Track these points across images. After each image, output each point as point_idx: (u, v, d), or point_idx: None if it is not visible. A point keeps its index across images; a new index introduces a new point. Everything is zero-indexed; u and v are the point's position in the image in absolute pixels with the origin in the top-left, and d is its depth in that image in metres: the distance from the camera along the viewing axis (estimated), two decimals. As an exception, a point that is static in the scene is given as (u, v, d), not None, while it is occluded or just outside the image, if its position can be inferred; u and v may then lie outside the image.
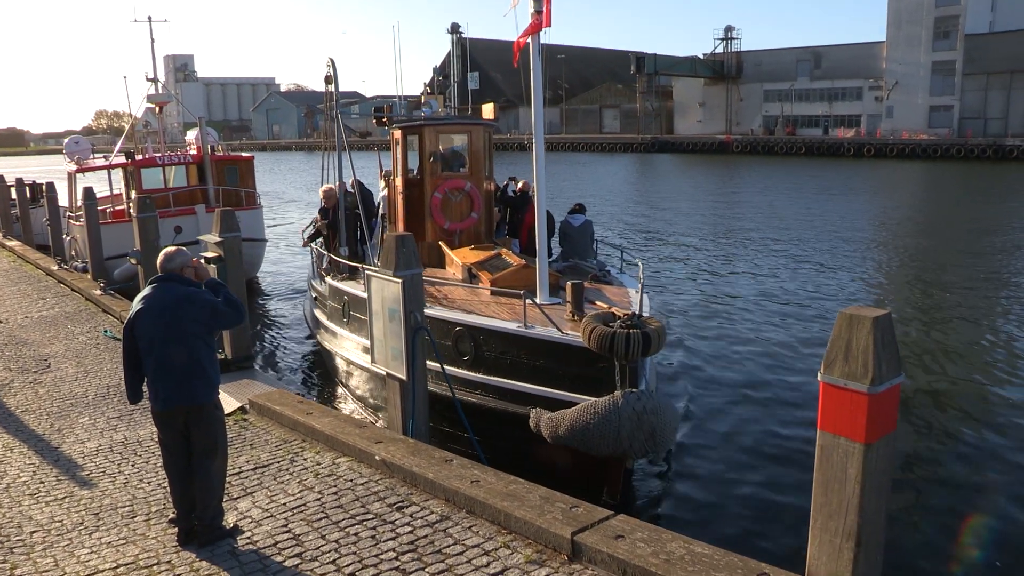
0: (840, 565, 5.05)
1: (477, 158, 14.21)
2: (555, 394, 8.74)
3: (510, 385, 9.28)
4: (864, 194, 50.74)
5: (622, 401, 7.73)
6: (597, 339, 7.75)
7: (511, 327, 9.30)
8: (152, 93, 26.78)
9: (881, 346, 4.73)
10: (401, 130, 14.11)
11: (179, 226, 20.20)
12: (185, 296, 6.23)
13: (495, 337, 9.49)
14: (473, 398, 9.58)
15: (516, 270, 11.38)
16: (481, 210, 14.12)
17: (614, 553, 5.67)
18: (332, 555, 6.21)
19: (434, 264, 13.47)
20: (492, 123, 14.74)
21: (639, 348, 7.67)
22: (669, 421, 7.99)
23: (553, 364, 8.89)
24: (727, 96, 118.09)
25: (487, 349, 9.56)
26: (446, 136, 14.41)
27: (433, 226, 13.91)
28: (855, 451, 4.87)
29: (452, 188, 13.91)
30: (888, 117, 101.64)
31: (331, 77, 14.00)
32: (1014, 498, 9.55)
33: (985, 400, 12.92)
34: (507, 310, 10.25)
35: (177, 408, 6.22)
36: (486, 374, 9.56)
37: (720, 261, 26.79)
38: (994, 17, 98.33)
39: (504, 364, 9.41)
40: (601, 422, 7.73)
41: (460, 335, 9.81)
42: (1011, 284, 22.50)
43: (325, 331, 13.71)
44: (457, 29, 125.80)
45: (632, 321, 7.85)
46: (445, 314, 10.10)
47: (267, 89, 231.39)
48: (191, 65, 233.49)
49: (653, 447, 7.96)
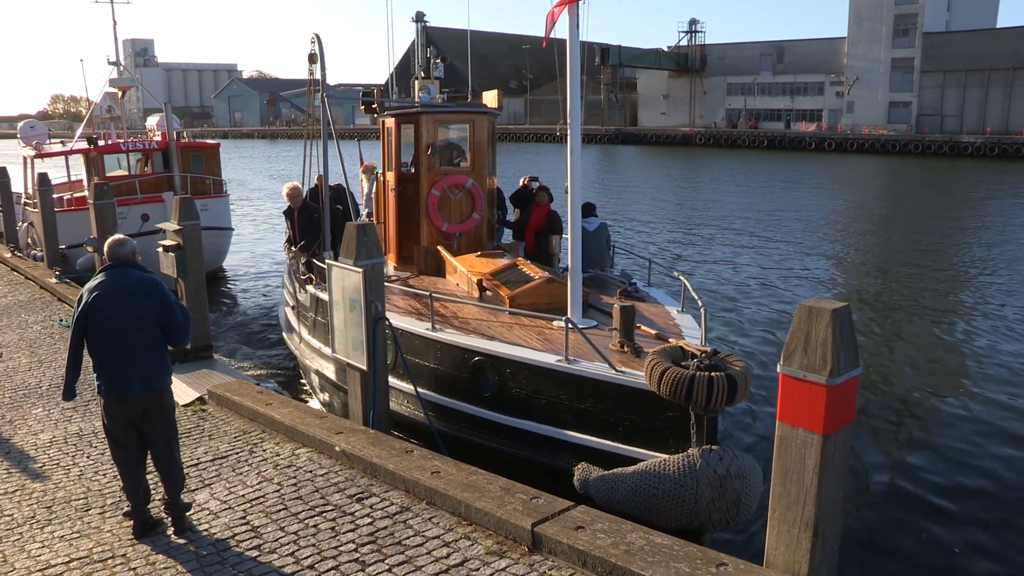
0: (798, 555, 5.10)
1: (480, 151, 12.58)
2: (605, 446, 7.23)
3: (544, 431, 7.73)
4: (825, 188, 51.32)
5: (700, 462, 6.25)
6: (671, 383, 6.22)
7: (549, 360, 7.68)
8: (114, 77, 26.29)
9: (840, 338, 4.78)
10: (395, 118, 12.45)
11: (146, 214, 19.87)
12: (144, 280, 6.17)
13: (527, 372, 7.90)
14: (493, 443, 8.22)
15: (539, 284, 9.76)
16: (483, 210, 12.55)
17: (574, 544, 5.68)
18: (291, 547, 6.15)
19: (431, 272, 12.19)
20: (496, 112, 12.95)
21: (723, 396, 6.14)
22: (755, 486, 6.46)
23: (604, 409, 7.30)
24: (691, 89, 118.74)
25: (515, 386, 8.03)
26: (444, 126, 12.75)
27: (429, 227, 12.31)
28: (813, 442, 4.92)
29: (452, 185, 12.29)
30: (849, 112, 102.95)
31: (316, 55, 12.12)
32: (969, 486, 9.73)
33: (941, 390, 13.12)
34: (535, 334, 8.69)
35: (140, 395, 6.13)
36: (513, 416, 8.04)
37: (680, 248, 26.93)
38: (950, 16, 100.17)
39: (537, 405, 7.86)
40: (675, 488, 6.26)
41: (479, 366, 8.31)
42: (965, 277, 22.91)
43: (306, 346, 11.97)
44: (422, 18, 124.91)
45: (712, 361, 6.35)
46: (462, 340, 8.57)
47: (229, 76, 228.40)
48: (151, 50, 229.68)
49: (735, 517, 6.43)
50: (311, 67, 12.11)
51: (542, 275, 9.94)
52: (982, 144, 79.91)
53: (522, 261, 10.74)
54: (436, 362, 8.90)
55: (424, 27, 54.55)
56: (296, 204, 12.70)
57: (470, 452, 8.08)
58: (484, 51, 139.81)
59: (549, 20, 8.70)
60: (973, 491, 9.66)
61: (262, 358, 15.53)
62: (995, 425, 11.65)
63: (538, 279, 9.84)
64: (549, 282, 9.74)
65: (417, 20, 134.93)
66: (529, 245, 12.59)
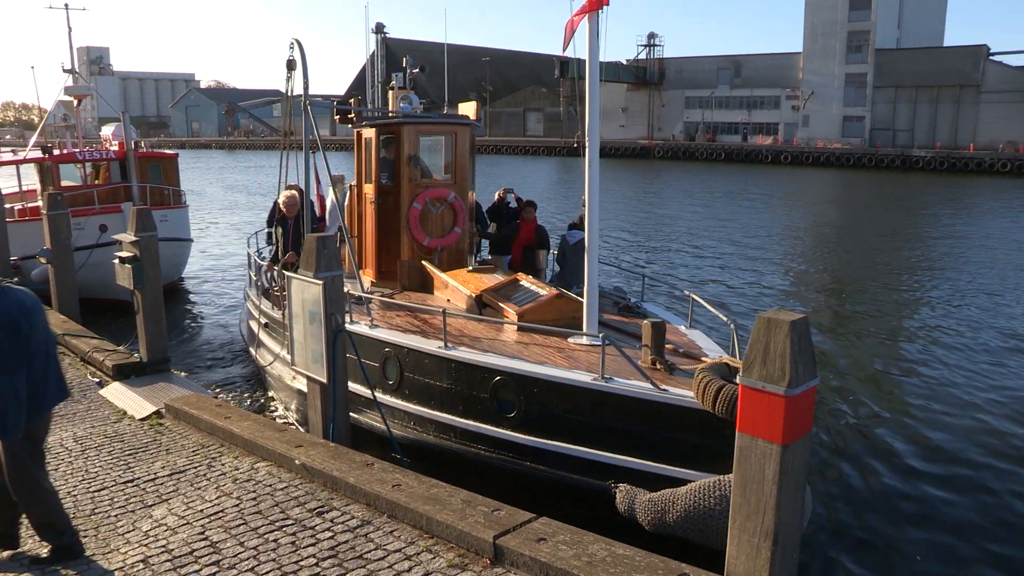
0: (758, 564, 5.15)
1: (462, 163, 12.32)
2: (646, 466, 6.99)
3: (577, 452, 7.46)
4: (782, 200, 52.06)
5: None
6: (727, 401, 5.96)
7: (584, 379, 7.40)
8: (70, 85, 25.87)
9: (798, 350, 4.85)
10: (375, 128, 12.09)
11: (104, 224, 19.53)
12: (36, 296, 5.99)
13: (558, 391, 7.60)
14: (517, 466, 7.92)
15: (549, 300, 9.51)
16: (465, 224, 12.27)
17: (536, 556, 5.68)
18: (251, 562, 6.08)
19: (414, 287, 11.84)
20: (477, 124, 12.74)
21: None
22: (809, 503, 6.30)
23: (645, 428, 7.05)
24: (649, 102, 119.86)
25: (544, 406, 7.75)
26: (424, 138, 12.33)
27: (410, 242, 11.94)
28: (773, 452, 4.97)
29: (433, 198, 11.99)
30: (804, 126, 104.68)
31: (294, 62, 11.54)
32: (925, 491, 9.90)
33: (896, 397, 13.36)
34: (555, 351, 8.45)
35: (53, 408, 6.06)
36: (541, 437, 7.75)
37: (639, 259, 27.12)
38: (900, 34, 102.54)
39: (569, 426, 7.57)
40: (720, 513, 6.02)
41: (501, 386, 8.02)
42: (918, 286, 23.38)
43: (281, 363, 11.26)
44: (381, 29, 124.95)
45: None
46: (481, 359, 8.24)
47: (186, 85, 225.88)
48: (106, 58, 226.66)
49: None
50: (289, 74, 11.67)
51: (551, 291, 9.74)
52: (932, 158, 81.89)
53: (523, 276, 10.54)
54: (450, 382, 8.54)
55: (384, 39, 54.41)
56: (292, 213, 12.12)
57: (493, 475, 7.90)
58: (442, 63, 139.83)
59: (568, 29, 8.57)
60: (931, 493, 9.86)
61: (221, 371, 15.33)
62: (951, 425, 11.99)
63: (547, 295, 9.63)
64: (559, 297, 9.54)
65: (377, 31, 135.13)
66: (516, 260, 12.47)
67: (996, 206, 48.74)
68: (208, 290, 23.54)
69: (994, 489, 10.01)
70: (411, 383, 9.03)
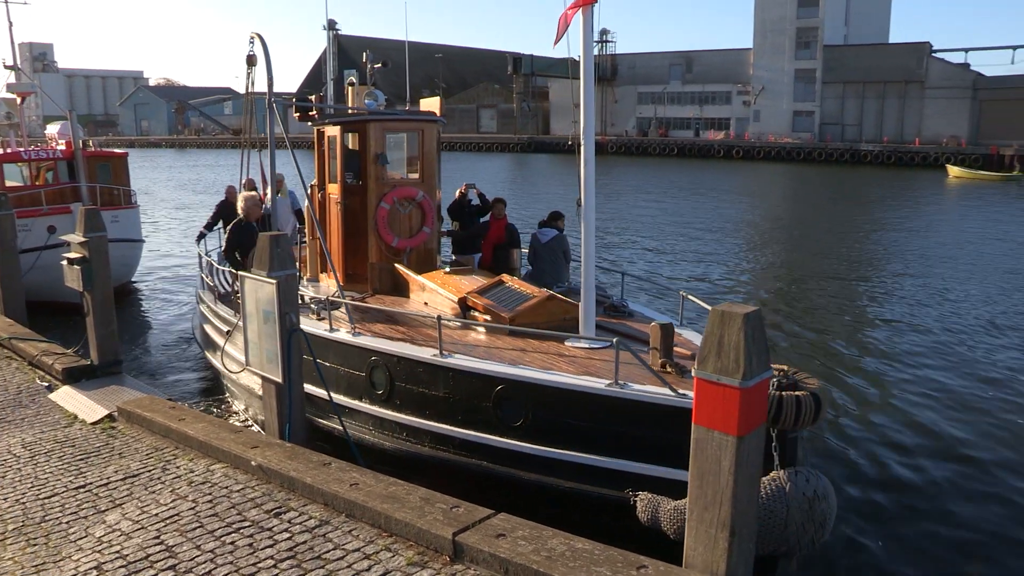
0: (716, 555, 5.22)
1: (430, 161, 11.93)
2: (666, 473, 6.76)
3: (590, 460, 7.23)
4: (734, 194, 52.67)
5: (789, 485, 5.89)
6: None
7: (597, 385, 7.12)
8: (12, 82, 25.26)
9: (751, 342, 4.92)
10: (339, 126, 11.62)
11: (52, 225, 19.12)
12: None
13: (569, 398, 7.31)
14: (525, 476, 7.63)
15: (540, 302, 9.23)
16: (434, 224, 11.94)
17: (496, 552, 5.69)
18: (208, 565, 6.01)
19: (385, 290, 11.48)
20: (443, 120, 12.37)
21: (812, 415, 5.89)
22: (835, 506, 6.21)
23: (663, 434, 6.76)
24: (602, 98, 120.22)
25: (553, 414, 7.46)
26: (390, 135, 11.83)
27: (378, 243, 11.51)
28: (728, 444, 5.04)
29: (401, 198, 11.56)
30: (755, 121, 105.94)
31: (255, 57, 11.04)
32: (880, 479, 10.09)
33: (848, 387, 13.59)
34: (556, 356, 8.19)
35: None
36: (550, 446, 7.45)
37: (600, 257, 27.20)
38: (848, 31, 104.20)
39: (581, 434, 7.32)
40: (763, 513, 5.82)
41: (505, 395, 7.68)
42: (867, 277, 23.84)
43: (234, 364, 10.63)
44: (333, 26, 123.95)
45: (789, 379, 6.09)
46: (482, 366, 7.88)
47: (135, 83, 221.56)
48: (50, 54, 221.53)
49: (820, 539, 6.13)
50: (250, 69, 11.28)
51: (540, 292, 9.47)
52: (880, 152, 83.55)
53: (508, 278, 10.22)
54: (447, 391, 8.22)
55: (336, 35, 53.99)
56: (255, 216, 11.62)
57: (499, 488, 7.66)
58: (396, 59, 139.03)
59: (562, 23, 8.46)
60: (895, 482, 10.07)
61: (175, 373, 15.11)
62: (909, 415, 12.27)
63: (537, 297, 9.35)
64: (549, 299, 9.31)
65: (329, 28, 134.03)
66: (487, 259, 12.16)
67: (941, 199, 49.84)
68: (160, 291, 23.17)
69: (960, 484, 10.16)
70: (403, 393, 8.62)
